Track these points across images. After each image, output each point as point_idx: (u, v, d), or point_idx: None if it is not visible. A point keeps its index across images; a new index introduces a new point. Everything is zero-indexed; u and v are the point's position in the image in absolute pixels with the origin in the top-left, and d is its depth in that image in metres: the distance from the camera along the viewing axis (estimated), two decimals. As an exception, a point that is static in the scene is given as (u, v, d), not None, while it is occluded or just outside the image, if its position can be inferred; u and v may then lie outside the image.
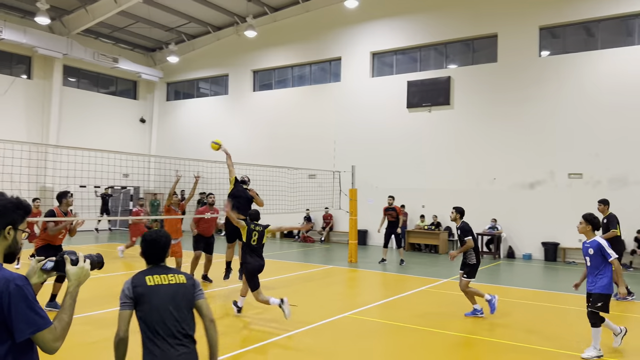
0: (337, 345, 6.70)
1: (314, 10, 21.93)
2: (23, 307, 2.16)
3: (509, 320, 8.20)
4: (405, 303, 9.64)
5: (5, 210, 2.31)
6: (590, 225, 6.25)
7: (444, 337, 7.14)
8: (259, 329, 7.49)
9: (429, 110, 18.99)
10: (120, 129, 25.92)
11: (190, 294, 3.36)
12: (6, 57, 21.98)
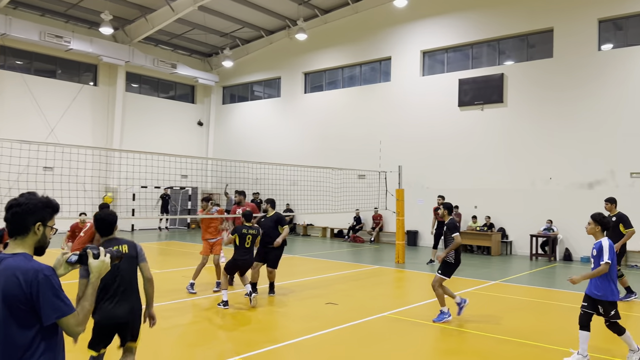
0: (362, 345, 6.76)
1: (364, 10, 21.96)
2: (50, 294, 2.41)
3: (562, 325, 7.94)
4: (449, 304, 9.53)
5: (35, 209, 2.57)
6: (599, 225, 5.93)
7: (480, 338, 7.03)
8: (293, 326, 7.66)
9: (481, 109, 18.56)
10: (179, 131, 27.01)
11: (133, 258, 4.51)
12: (75, 66, 23.46)
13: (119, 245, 4.45)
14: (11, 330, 2.39)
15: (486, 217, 17.90)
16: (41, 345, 2.45)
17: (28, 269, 2.42)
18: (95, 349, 4.36)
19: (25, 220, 2.53)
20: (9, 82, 20.94)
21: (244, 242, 8.50)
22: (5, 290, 2.38)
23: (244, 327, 7.52)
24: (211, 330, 7.32)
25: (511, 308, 9.10)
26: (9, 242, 2.55)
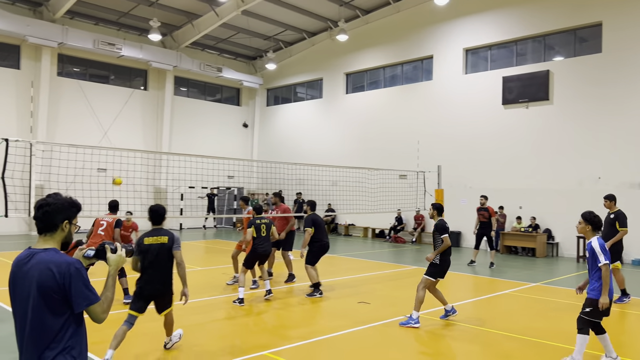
0: (385, 345, 6.82)
1: (405, 9, 21.85)
2: (80, 285, 2.68)
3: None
4: (482, 306, 9.44)
5: (63, 208, 2.84)
6: (590, 224, 5.66)
7: (507, 339, 6.95)
8: (321, 323, 7.81)
9: (526, 107, 18.10)
10: (225, 133, 27.74)
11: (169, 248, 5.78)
12: (126, 72, 24.54)
13: (161, 235, 5.81)
14: (45, 316, 2.66)
15: (531, 218, 17.46)
16: (70, 329, 2.72)
17: (61, 262, 2.68)
18: (135, 309, 5.67)
19: (54, 218, 2.80)
20: (66, 88, 22.15)
21: (260, 231, 9.08)
22: (41, 281, 2.65)
23: (272, 323, 7.74)
24: (243, 325, 7.57)
25: (547, 310, 8.90)
26: (38, 238, 2.82)
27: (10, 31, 19.67)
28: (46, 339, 2.66)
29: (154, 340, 6.47)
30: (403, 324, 7.47)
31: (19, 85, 20.91)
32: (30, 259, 2.72)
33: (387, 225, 21.68)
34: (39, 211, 2.80)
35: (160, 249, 5.74)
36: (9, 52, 20.89)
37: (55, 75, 21.86)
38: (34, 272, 2.67)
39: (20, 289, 2.71)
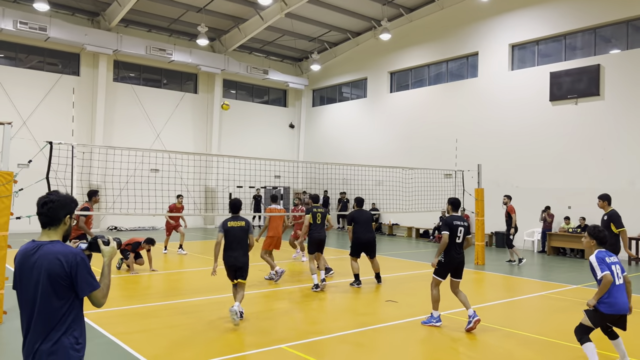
0: (402, 343, 6.87)
1: (449, 6, 21.55)
2: (85, 273, 3.00)
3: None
4: (510, 306, 9.27)
5: (65, 204, 3.16)
6: (594, 239, 5.47)
7: (525, 339, 6.83)
8: (344, 319, 7.95)
9: (575, 103, 17.45)
10: (273, 134, 28.31)
11: (246, 230, 7.55)
12: (177, 76, 25.55)
13: (239, 220, 7.60)
14: (52, 301, 2.98)
15: (580, 219, 16.80)
16: (72, 313, 3.04)
17: (68, 252, 3.00)
18: (231, 279, 7.57)
19: (58, 213, 3.12)
20: (121, 92, 23.35)
21: (316, 219, 10.10)
22: (50, 269, 2.97)
23: (292, 317, 7.97)
24: (269, 319, 7.83)
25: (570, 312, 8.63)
26: (42, 232, 3.15)
27: (71, 40, 20.97)
28: (53, 321, 2.98)
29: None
30: (425, 322, 7.50)
31: (79, 91, 22.24)
32: (37, 250, 3.04)
33: (431, 225, 21.46)
34: (44, 207, 3.12)
35: (240, 230, 7.50)
36: (69, 60, 22.28)
37: (112, 81, 23.08)
38: (43, 261, 2.99)
39: (28, 277, 3.04)
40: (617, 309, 5.26)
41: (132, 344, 6.28)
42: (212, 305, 8.66)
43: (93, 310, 7.90)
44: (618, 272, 5.34)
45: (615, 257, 5.50)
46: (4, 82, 20.29)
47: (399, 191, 18.50)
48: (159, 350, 6.15)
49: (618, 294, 5.28)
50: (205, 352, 6.09)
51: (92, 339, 6.55)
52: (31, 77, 21.10)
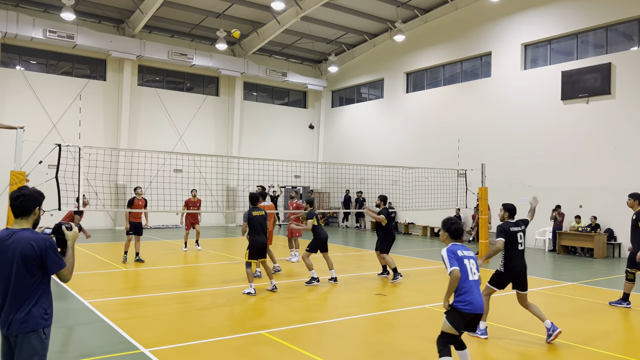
0: (381, 331, 7.27)
1: (463, 7, 21.68)
2: (53, 255, 3.57)
3: (609, 329, 7.66)
4: (498, 301, 9.53)
5: (35, 198, 3.73)
6: (447, 232, 5.15)
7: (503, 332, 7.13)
8: (332, 310, 8.39)
9: (587, 102, 17.39)
10: (293, 135, 28.92)
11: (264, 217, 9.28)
12: (199, 79, 26.43)
13: (259, 210, 9.37)
14: (25, 278, 3.56)
15: (592, 218, 16.76)
16: (41, 288, 3.62)
17: (38, 238, 3.58)
18: (253, 258, 9.17)
19: (29, 205, 3.70)
20: (145, 96, 24.34)
21: (319, 221, 10.85)
22: (23, 252, 3.54)
23: (281, 307, 8.47)
24: (265, 307, 8.36)
25: (567, 308, 8.85)
26: (15, 221, 3.73)
27: (97, 47, 22.04)
28: (25, 294, 3.56)
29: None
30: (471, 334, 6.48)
31: (106, 96, 23.31)
32: (12, 236, 3.62)
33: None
34: (17, 200, 3.69)
35: (261, 218, 9.24)
36: (97, 66, 23.39)
37: (136, 85, 24.09)
38: (17, 245, 3.56)
39: (3, 259, 3.62)
40: (475, 307, 4.80)
41: (127, 328, 6.89)
42: (206, 296, 9.25)
43: (97, 299, 8.62)
44: (472, 267, 4.90)
45: (470, 252, 5.05)
46: (36, 88, 21.49)
47: (414, 190, 18.76)
48: (150, 334, 6.74)
49: (476, 291, 4.85)
50: (192, 336, 6.64)
51: (91, 323, 7.23)
52: (61, 82, 22.26)
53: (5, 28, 19.83)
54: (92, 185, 18.09)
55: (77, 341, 6.50)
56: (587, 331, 7.30)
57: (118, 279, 10.77)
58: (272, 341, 6.46)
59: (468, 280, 4.81)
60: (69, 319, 7.41)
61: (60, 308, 8.07)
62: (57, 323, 7.07)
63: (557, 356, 6.20)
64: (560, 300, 9.51)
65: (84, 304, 8.23)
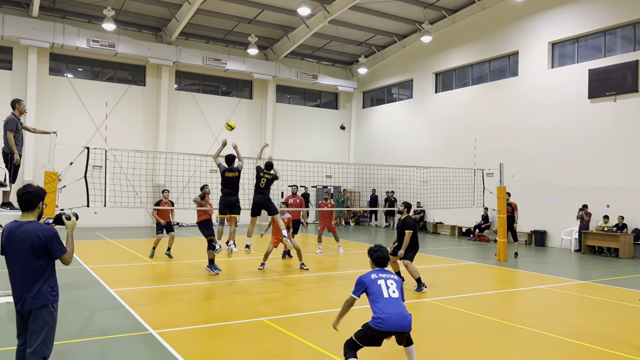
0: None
1: (490, 7, 21.68)
2: (56, 243, 4.25)
3: (600, 322, 7.85)
4: (502, 298, 9.78)
5: (39, 193, 4.41)
6: (370, 258, 5.29)
7: (502, 327, 7.43)
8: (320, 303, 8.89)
9: (614, 100, 17.15)
10: (324, 135, 29.53)
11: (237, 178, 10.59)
12: (234, 83, 27.41)
13: (233, 172, 10.43)
14: (33, 262, 4.24)
15: (619, 217, 16.54)
16: (48, 270, 4.31)
17: (43, 229, 4.27)
18: (223, 213, 10.32)
19: (34, 200, 4.38)
20: (182, 100, 25.50)
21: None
22: (31, 241, 4.21)
23: (289, 298, 9.03)
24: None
25: (571, 305, 9.02)
26: (22, 214, 4.40)
27: (136, 54, 23.33)
28: (34, 275, 4.26)
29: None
30: None
31: (145, 100, 24.60)
32: (20, 227, 4.30)
33: (473, 223, 21.66)
34: (24, 197, 4.34)
35: (234, 179, 10.41)
36: (137, 72, 24.71)
37: (174, 90, 25.28)
38: (26, 235, 4.24)
39: (15, 246, 4.29)
40: (388, 324, 4.71)
41: (142, 313, 7.63)
42: (221, 287, 9.94)
43: (122, 287, 9.46)
44: (391, 286, 4.92)
45: (389, 274, 5.06)
46: (81, 94, 22.96)
47: (442, 189, 18.94)
48: (161, 318, 7.46)
49: (391, 310, 4.78)
50: (198, 321, 7.32)
51: (112, 308, 8.04)
52: (104, 88, 23.69)
53: (52, 39, 21.35)
54: (133, 185, 19.27)
55: (96, 323, 7.28)
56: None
57: (145, 271, 11.63)
58: (269, 327, 7.04)
59: (382, 299, 4.81)
60: (93, 304, 8.24)
61: (88, 295, 8.96)
62: (82, 307, 7.97)
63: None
64: (569, 298, 9.67)
65: (109, 292, 9.07)
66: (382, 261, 5.18)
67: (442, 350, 6.22)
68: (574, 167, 18.20)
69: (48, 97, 22.29)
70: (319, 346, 6.14)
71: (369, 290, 4.90)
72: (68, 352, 5.83)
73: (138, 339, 6.37)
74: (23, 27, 20.81)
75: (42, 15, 21.74)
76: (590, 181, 17.69)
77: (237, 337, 6.62)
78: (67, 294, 8.88)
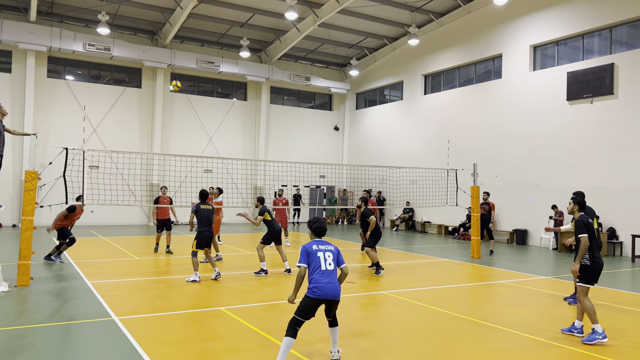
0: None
1: (475, 10, 22.15)
2: None
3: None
4: (460, 291, 10.27)
5: None
6: (311, 231, 5.81)
7: (453, 319, 7.94)
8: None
9: (591, 102, 17.57)
10: (318, 136, 30.11)
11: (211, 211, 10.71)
12: (228, 85, 28.03)
13: (206, 205, 10.62)
14: None
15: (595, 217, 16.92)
16: None
17: None
18: (200, 248, 10.33)
19: None
20: (177, 102, 26.15)
21: (272, 215, 11.63)
22: None
23: (252, 290, 9.59)
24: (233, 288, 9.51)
25: (524, 298, 9.49)
26: None
27: (131, 57, 24.01)
28: None
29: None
30: (587, 341, 6.45)
31: (141, 102, 25.27)
32: None
33: (458, 222, 22.12)
34: None
35: (208, 212, 10.48)
36: (132, 75, 25.38)
37: (169, 92, 25.93)
38: None
39: None
40: (324, 292, 5.27)
41: (110, 302, 8.22)
42: (183, 281, 10.52)
43: (98, 280, 10.05)
44: (328, 258, 5.44)
45: (328, 246, 5.54)
46: (78, 96, 23.67)
47: (429, 189, 19.43)
48: (126, 307, 8.04)
49: (326, 280, 5.32)
50: (160, 309, 7.89)
51: (84, 298, 8.63)
52: (100, 90, 24.39)
53: (50, 43, 22.07)
54: (129, 184, 19.97)
55: (66, 310, 7.87)
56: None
57: (127, 266, 12.22)
58: (225, 315, 7.60)
59: (319, 270, 5.35)
60: (68, 294, 8.84)
61: (66, 286, 9.56)
62: (57, 297, 8.55)
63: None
64: (526, 292, 10.14)
65: (86, 284, 9.68)
66: (320, 231, 5.73)
67: (385, 336, 6.75)
68: (553, 168, 18.62)
69: (46, 99, 23.02)
70: (264, 331, 6.68)
71: (310, 261, 5.44)
72: (31, 335, 6.42)
73: (99, 324, 6.95)
74: (21, 32, 21.55)
75: (39, 19, 22.47)
76: (568, 181, 18.10)
77: (191, 323, 7.18)
78: (46, 285, 9.51)
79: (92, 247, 15.46)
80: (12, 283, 9.29)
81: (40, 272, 10.70)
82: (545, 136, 18.97)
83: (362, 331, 6.92)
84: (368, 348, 6.16)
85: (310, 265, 5.43)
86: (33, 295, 8.74)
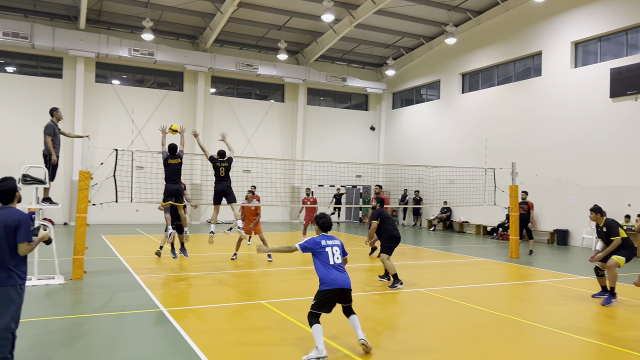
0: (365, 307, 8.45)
1: (514, 7, 21.88)
2: (25, 228, 4.73)
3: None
4: (496, 290, 10.30)
5: (15, 185, 5.24)
6: (316, 225, 6.12)
7: (495, 317, 8.04)
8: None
9: (635, 99, 17.13)
10: (355, 136, 30.29)
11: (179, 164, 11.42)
12: (266, 87, 28.57)
13: (175, 159, 11.28)
14: (7, 245, 4.75)
15: (638, 216, 16.52)
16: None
17: (20, 214, 4.86)
18: (165, 200, 11.06)
19: (13, 192, 5.21)
20: (217, 104, 26.86)
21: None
22: (7, 225, 4.76)
23: (292, 286, 9.89)
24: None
25: (559, 297, 9.47)
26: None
27: (174, 62, 24.83)
28: (9, 257, 4.74)
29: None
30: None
31: (183, 105, 26.09)
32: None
33: (497, 223, 21.89)
34: (4, 189, 4.89)
35: (176, 165, 11.30)
36: (175, 78, 26.23)
37: (209, 94, 26.66)
38: (2, 218, 4.75)
39: None
40: (336, 283, 5.65)
41: (158, 294, 8.70)
42: (237, 276, 10.92)
43: (146, 275, 10.58)
44: (335, 253, 5.82)
45: (335, 241, 5.91)
46: (125, 100, 24.65)
47: (468, 189, 19.34)
48: (173, 299, 8.50)
49: (336, 272, 5.72)
50: (204, 302, 8.30)
51: (133, 290, 9.13)
52: (145, 94, 25.32)
53: (98, 49, 23.10)
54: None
55: (117, 301, 8.37)
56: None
57: (170, 262, 12.77)
58: (265, 308, 7.94)
59: (328, 264, 5.75)
60: (118, 287, 9.38)
61: (116, 279, 10.12)
62: (107, 289, 9.09)
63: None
64: (560, 291, 10.10)
65: (135, 278, 10.22)
66: (326, 226, 6.06)
67: (421, 330, 6.93)
68: (595, 166, 18.23)
69: (94, 102, 24.08)
70: (302, 323, 6.97)
71: (319, 255, 5.80)
72: (88, 323, 6.92)
73: (149, 315, 7.40)
74: (72, 39, 22.63)
75: (88, 27, 23.53)
76: (611, 179, 17.70)
77: (234, 315, 7.55)
78: (98, 279, 10.09)
79: (138, 244, 16.15)
80: (67, 276, 9.92)
81: (92, 267, 11.34)
82: (587, 134, 18.59)
83: (398, 326, 7.12)
84: (404, 340, 6.36)
85: (318, 259, 5.80)
86: (87, 287, 9.32)
